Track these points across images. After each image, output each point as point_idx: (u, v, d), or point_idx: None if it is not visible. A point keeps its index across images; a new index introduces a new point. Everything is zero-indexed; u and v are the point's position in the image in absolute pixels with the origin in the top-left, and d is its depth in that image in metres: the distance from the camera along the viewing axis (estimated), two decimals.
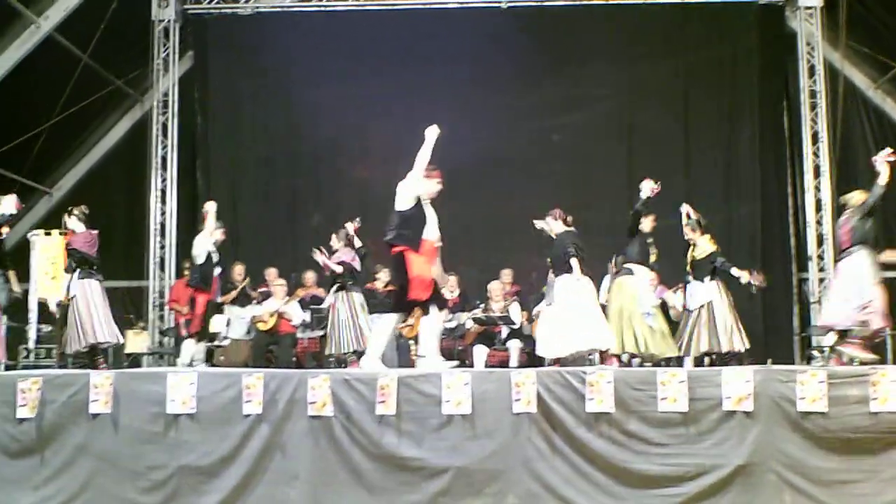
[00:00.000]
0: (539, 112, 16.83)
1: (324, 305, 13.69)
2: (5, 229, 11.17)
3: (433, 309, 10.11)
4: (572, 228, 11.06)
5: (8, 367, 12.24)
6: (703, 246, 11.71)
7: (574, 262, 10.61)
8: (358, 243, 13.39)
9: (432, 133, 10.20)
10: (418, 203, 10.08)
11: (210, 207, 12.37)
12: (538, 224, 11.27)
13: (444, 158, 12.97)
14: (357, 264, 13.38)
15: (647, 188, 10.98)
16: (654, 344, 10.75)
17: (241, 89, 17.79)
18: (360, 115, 16.88)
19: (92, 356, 11.20)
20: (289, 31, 17.29)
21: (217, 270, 12.71)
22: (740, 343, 11.37)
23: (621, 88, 17.00)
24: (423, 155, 10.11)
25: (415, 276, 9.85)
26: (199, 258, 12.28)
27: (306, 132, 17.21)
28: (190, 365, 11.82)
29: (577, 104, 16.87)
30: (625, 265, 11.26)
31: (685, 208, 11.94)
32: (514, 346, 13.56)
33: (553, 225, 11.09)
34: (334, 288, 13.36)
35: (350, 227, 13.41)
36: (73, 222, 11.39)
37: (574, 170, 16.55)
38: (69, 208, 11.55)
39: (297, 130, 17.28)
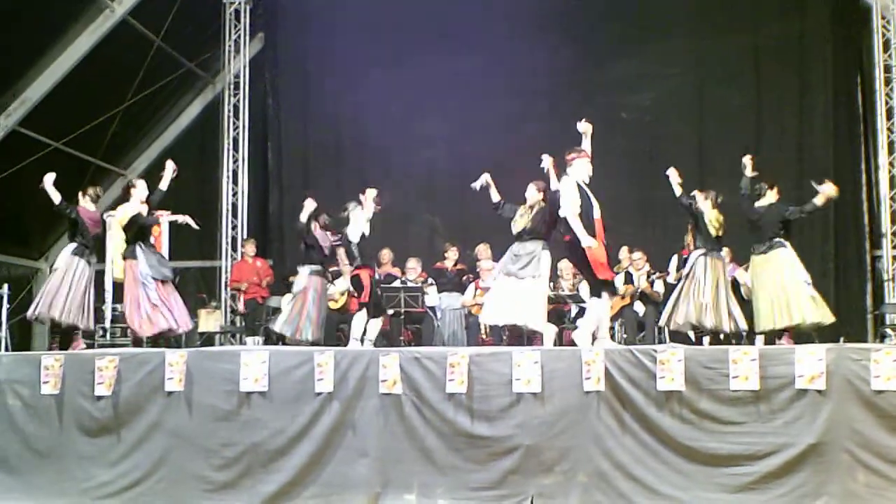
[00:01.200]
0: (608, 90, 16.69)
1: None
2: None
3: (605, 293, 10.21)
4: None
5: (85, 346, 12.47)
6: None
7: None
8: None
9: (585, 127, 10.52)
10: (580, 189, 10.12)
11: (368, 193, 12.26)
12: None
13: (515, 138, 13.02)
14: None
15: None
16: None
17: (312, 70, 17.87)
18: (429, 95, 16.84)
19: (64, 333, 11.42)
20: (359, 11, 17.32)
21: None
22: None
23: (691, 65, 16.80)
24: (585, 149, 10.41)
25: (592, 258, 9.94)
26: (355, 236, 12.17)
27: (375, 113, 17.23)
28: (360, 341, 11.79)
29: (647, 82, 16.70)
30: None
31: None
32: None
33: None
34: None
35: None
36: (86, 201, 11.61)
37: (643, 148, 16.40)
38: (85, 189, 11.75)
39: (366, 111, 17.30)
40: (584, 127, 10.41)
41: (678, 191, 10.93)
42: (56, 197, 11.29)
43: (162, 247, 12.60)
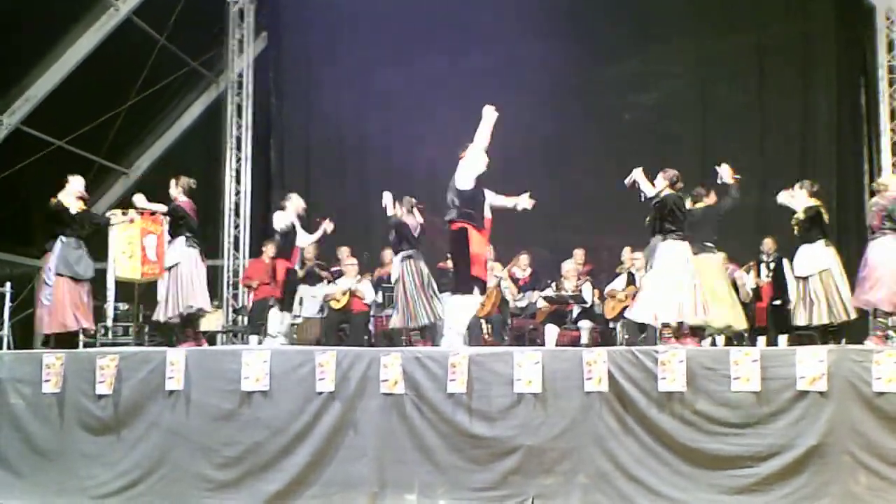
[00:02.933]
0: (610, 90, 16.70)
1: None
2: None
3: (477, 290, 10.23)
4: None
5: (86, 345, 12.48)
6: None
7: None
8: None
9: (490, 113, 10.26)
10: (479, 182, 10.10)
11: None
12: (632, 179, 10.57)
13: (515, 137, 13.00)
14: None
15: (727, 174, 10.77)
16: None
17: (315, 70, 17.89)
18: (430, 95, 16.86)
19: (183, 326, 11.33)
20: (362, 11, 17.33)
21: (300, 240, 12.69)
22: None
23: (694, 65, 16.80)
24: (483, 133, 10.10)
25: (474, 253, 9.90)
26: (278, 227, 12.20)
27: (378, 112, 17.24)
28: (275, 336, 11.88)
29: (650, 82, 16.71)
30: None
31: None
32: (586, 325, 13.52)
33: (660, 185, 10.38)
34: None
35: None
36: (178, 191, 11.51)
37: (646, 148, 16.33)
38: (177, 176, 11.64)
39: (368, 110, 17.31)
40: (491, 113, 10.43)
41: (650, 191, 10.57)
42: (160, 207, 11.41)
43: (163, 246, 12.55)
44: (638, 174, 10.37)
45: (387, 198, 12.03)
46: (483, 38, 16.75)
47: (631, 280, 13.40)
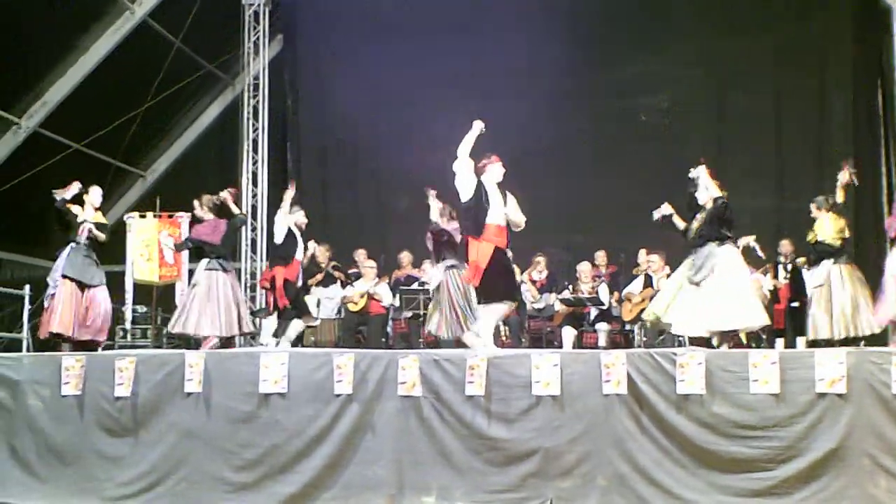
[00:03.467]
0: (626, 91, 16.69)
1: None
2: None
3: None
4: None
5: (105, 347, 12.53)
6: None
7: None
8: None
9: (477, 126, 10.29)
10: (477, 190, 10.10)
11: (287, 194, 12.29)
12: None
13: (531, 139, 13.04)
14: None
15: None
16: None
17: (330, 71, 17.94)
18: (446, 96, 16.88)
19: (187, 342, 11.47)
20: (376, 12, 17.37)
21: (299, 253, 12.40)
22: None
23: (709, 67, 16.79)
24: (464, 146, 10.24)
25: (471, 262, 10.01)
26: (277, 237, 12.23)
27: (393, 113, 17.28)
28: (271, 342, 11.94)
29: (665, 84, 16.70)
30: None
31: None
32: (603, 327, 13.52)
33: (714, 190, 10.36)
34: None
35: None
36: (203, 212, 11.69)
37: (662, 150, 16.37)
38: (200, 196, 11.76)
39: (383, 111, 17.36)
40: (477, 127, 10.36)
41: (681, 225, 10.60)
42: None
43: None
44: (666, 209, 10.44)
45: (432, 199, 12.00)
46: (498, 39, 16.77)
47: (648, 282, 13.38)
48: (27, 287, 13.02)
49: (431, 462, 8.98)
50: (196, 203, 11.66)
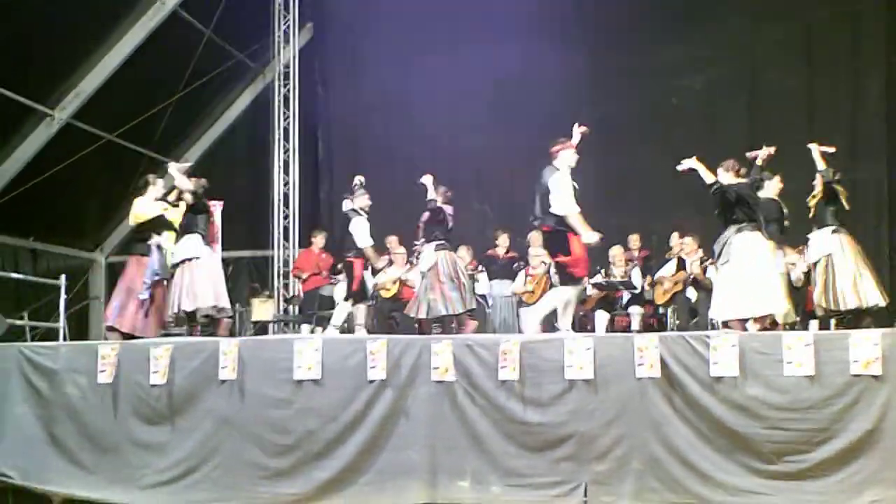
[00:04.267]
0: (658, 75, 16.58)
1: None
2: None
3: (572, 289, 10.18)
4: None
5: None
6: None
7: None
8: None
9: (577, 132, 10.50)
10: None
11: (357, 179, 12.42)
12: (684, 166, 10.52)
13: (562, 123, 12.95)
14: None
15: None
16: None
17: (360, 58, 17.92)
18: (477, 82, 16.88)
19: (191, 321, 11.54)
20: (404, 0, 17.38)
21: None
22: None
23: (742, 49, 16.64)
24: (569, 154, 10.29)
25: (576, 254, 9.93)
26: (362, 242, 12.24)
27: (424, 100, 17.26)
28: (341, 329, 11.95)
29: (697, 66, 16.58)
30: None
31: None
32: (636, 311, 13.47)
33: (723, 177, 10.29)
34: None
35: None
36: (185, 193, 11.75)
37: (694, 133, 16.26)
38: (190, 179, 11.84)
39: (414, 99, 17.33)
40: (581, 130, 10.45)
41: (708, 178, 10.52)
42: (189, 185, 11.59)
43: (215, 237, 12.69)
44: (693, 162, 10.34)
45: (428, 181, 12.23)
46: (529, 25, 16.72)
47: (681, 265, 13.33)
48: (63, 277, 13.10)
49: (465, 447, 9.02)
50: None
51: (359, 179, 12.50)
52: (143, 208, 11.42)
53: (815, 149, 11.01)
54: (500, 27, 16.86)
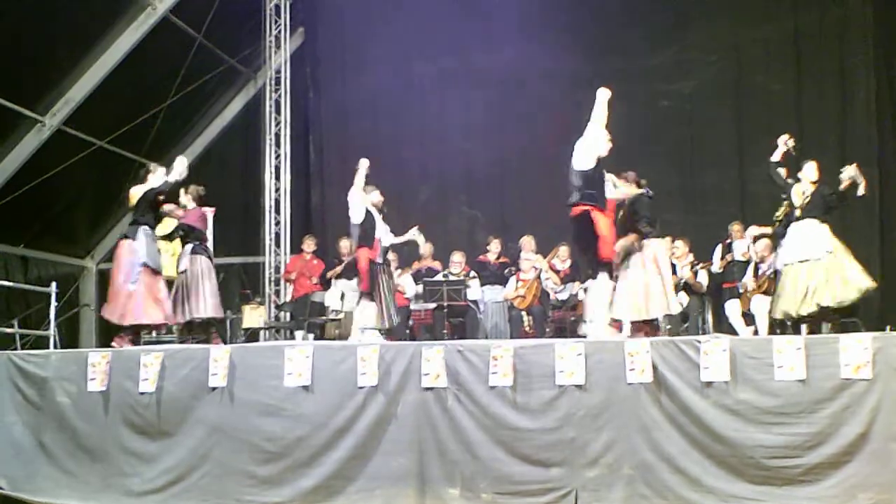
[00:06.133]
0: (648, 78, 16.58)
1: None
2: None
3: (606, 274, 10.11)
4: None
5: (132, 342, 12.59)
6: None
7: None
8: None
9: (603, 94, 10.39)
10: (599, 163, 10.07)
11: (362, 164, 12.09)
12: None
13: (551, 125, 12.99)
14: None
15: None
16: None
17: (352, 64, 17.91)
18: (466, 86, 16.90)
19: (205, 329, 11.60)
20: (398, 4, 17.36)
21: (379, 232, 12.36)
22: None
23: (731, 52, 16.65)
24: (599, 114, 10.22)
25: (603, 235, 9.86)
26: (356, 217, 12.09)
27: (415, 105, 17.27)
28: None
29: (687, 69, 16.59)
30: None
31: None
32: None
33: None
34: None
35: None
36: (187, 199, 11.97)
37: (683, 136, 16.31)
38: (186, 185, 11.92)
39: (405, 103, 17.32)
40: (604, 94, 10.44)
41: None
42: (178, 212, 11.92)
43: (207, 242, 12.68)
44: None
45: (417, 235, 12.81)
46: (518, 29, 16.70)
47: (672, 269, 13.32)
48: (53, 284, 13.05)
49: (455, 453, 9.00)
50: (182, 191, 11.89)
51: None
52: (137, 189, 11.49)
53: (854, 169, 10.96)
54: (490, 32, 16.87)
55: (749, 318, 12.57)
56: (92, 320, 17.26)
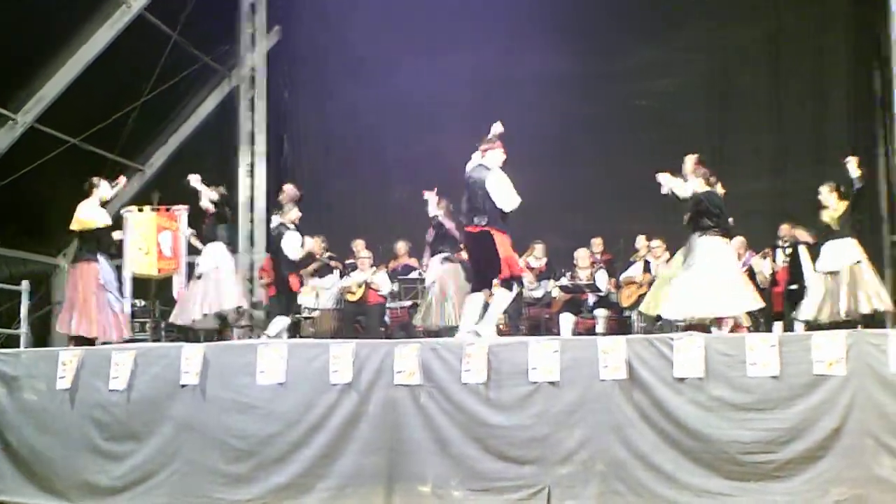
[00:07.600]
0: (626, 78, 16.64)
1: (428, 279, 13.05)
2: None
3: (515, 286, 10.08)
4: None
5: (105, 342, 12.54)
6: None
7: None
8: None
9: (497, 128, 10.56)
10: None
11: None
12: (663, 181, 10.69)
13: (529, 126, 12.99)
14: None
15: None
16: None
17: (328, 63, 17.89)
18: (445, 87, 16.89)
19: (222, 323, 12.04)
20: (375, 3, 17.33)
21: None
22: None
23: (710, 53, 16.75)
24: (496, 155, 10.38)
25: (505, 256, 9.81)
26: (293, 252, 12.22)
27: (392, 105, 17.24)
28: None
29: (664, 70, 16.65)
30: None
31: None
32: (601, 313, 13.50)
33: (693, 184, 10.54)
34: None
35: None
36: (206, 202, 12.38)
37: (662, 135, 16.33)
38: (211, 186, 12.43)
39: (383, 103, 17.29)
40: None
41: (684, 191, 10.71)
42: (212, 194, 12.47)
43: (178, 242, 12.64)
44: (665, 178, 10.45)
45: (430, 197, 12.52)
46: (497, 30, 16.78)
47: (647, 268, 13.36)
48: (25, 283, 12.96)
49: (427, 451, 8.93)
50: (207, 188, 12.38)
51: (290, 191, 12.34)
52: (89, 213, 11.41)
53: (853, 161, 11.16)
54: (470, 32, 16.90)
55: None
56: None
